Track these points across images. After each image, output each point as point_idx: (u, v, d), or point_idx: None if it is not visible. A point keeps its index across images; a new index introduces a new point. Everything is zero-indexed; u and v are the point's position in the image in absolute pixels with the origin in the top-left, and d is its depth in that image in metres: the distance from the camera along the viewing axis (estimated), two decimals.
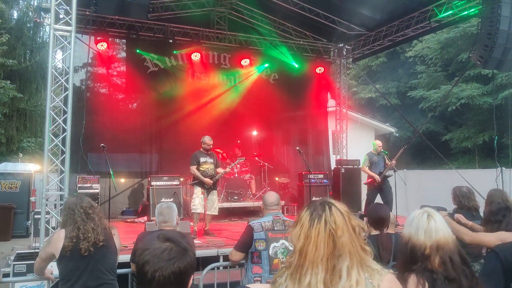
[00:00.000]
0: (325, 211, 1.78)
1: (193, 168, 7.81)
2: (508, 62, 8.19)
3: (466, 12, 9.44)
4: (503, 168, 8.82)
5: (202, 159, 7.86)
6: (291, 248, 3.50)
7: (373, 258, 1.80)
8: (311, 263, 1.66)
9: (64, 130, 6.45)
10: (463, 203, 4.67)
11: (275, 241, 3.62)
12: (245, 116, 11.85)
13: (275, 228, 3.66)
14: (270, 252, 3.59)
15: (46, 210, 6.23)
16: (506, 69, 8.67)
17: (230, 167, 8.53)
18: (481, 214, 4.41)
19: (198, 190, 7.80)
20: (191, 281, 1.71)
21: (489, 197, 4.48)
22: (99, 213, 3.68)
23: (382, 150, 9.11)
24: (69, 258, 3.42)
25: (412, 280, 2.20)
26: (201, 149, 8.01)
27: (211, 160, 7.97)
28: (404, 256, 2.38)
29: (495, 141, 9.47)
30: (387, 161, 8.99)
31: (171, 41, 11.31)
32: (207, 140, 7.99)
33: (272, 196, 3.97)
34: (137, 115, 11.22)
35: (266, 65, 12.23)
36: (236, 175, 10.70)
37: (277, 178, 11.98)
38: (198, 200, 7.71)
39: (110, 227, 3.70)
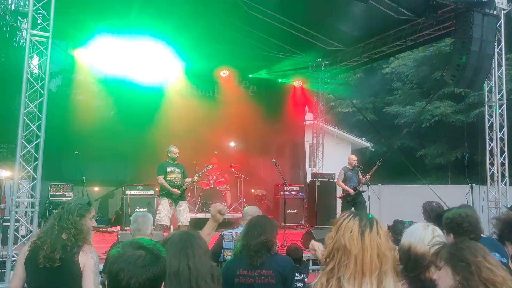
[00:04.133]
0: (374, 224, 1.84)
1: (160, 178, 7.76)
2: (479, 82, 8.45)
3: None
4: (473, 184, 9.05)
5: (169, 169, 7.83)
6: None
7: None
8: (370, 272, 1.72)
9: (38, 137, 6.35)
10: (433, 218, 4.78)
11: None
12: (222, 127, 11.86)
13: None
14: None
15: (16, 217, 6.10)
16: (477, 88, 8.95)
17: (198, 175, 8.44)
18: None
19: (165, 202, 7.73)
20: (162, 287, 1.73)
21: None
22: (82, 224, 3.11)
23: (356, 164, 9.25)
24: (28, 268, 3.01)
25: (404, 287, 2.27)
26: (167, 159, 7.97)
27: (178, 170, 7.93)
28: (403, 264, 2.43)
29: (466, 158, 9.73)
30: (361, 175, 9.13)
31: None
32: (173, 149, 7.96)
33: (250, 209, 4.04)
34: (113, 123, 11.09)
35: None
36: (212, 186, 10.68)
37: (253, 190, 11.99)
38: (164, 212, 7.64)
39: (81, 246, 3.05)
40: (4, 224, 6.71)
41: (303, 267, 5.26)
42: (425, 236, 2.47)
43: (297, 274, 4.72)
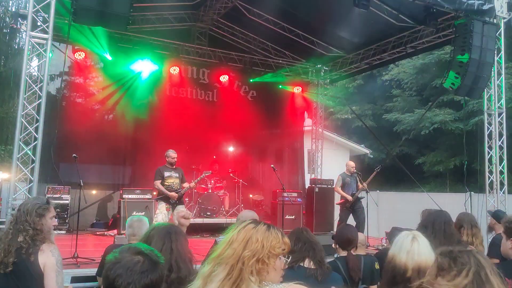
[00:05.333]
0: (247, 224, 1.84)
1: (157, 183, 7.73)
2: (478, 90, 8.45)
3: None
4: (472, 192, 9.02)
5: (166, 174, 7.80)
6: None
7: (342, 279, 1.82)
8: (209, 259, 1.81)
9: (36, 139, 6.32)
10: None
11: None
12: (221, 132, 11.83)
13: None
14: None
15: None
16: (476, 96, 8.95)
17: (195, 181, 8.40)
18: None
19: (162, 206, 7.70)
20: None
21: (458, 221, 4.57)
22: (42, 223, 2.96)
23: (355, 171, 9.23)
24: None
25: None
26: (165, 164, 7.93)
27: (176, 175, 7.90)
28: (386, 276, 2.39)
29: (465, 166, 9.70)
30: (359, 182, 9.11)
31: (150, 54, 11.25)
32: (171, 153, 7.93)
33: (243, 213, 3.97)
34: (112, 126, 11.06)
35: None
36: (210, 191, 10.64)
37: (251, 195, 11.95)
38: (161, 216, 7.60)
39: (39, 245, 2.90)
40: (0, 226, 6.65)
41: None
42: (403, 246, 2.38)
43: None
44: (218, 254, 1.73)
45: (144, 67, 11.07)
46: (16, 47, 21.19)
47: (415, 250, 2.33)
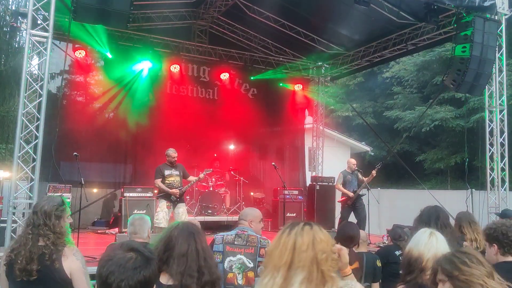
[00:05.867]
0: (300, 226, 1.86)
1: (158, 182, 7.73)
2: (480, 87, 8.43)
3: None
4: (473, 189, 9.02)
5: (167, 172, 7.79)
6: (248, 265, 3.49)
7: None
8: (273, 266, 1.79)
9: (36, 137, 6.32)
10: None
11: (232, 255, 3.57)
12: (222, 130, 11.82)
13: (235, 243, 3.61)
14: (225, 265, 3.54)
15: (13, 218, 6.05)
16: (478, 93, 8.92)
17: (196, 179, 8.37)
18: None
19: (163, 204, 7.70)
20: None
21: (457, 220, 4.59)
22: (61, 226, 2.87)
23: (356, 168, 9.22)
24: (6, 280, 2.80)
25: None
26: (165, 162, 7.93)
27: (177, 173, 7.89)
28: (403, 268, 2.49)
29: (466, 163, 9.68)
30: (360, 179, 9.09)
31: (150, 52, 11.25)
32: (171, 152, 7.92)
33: (243, 211, 3.98)
34: (113, 125, 11.06)
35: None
36: (211, 189, 10.64)
37: (252, 193, 11.95)
38: (162, 214, 7.60)
39: (61, 250, 2.82)
40: (1, 225, 6.66)
41: None
42: (421, 239, 2.48)
43: None
44: (286, 262, 1.74)
45: (144, 65, 11.06)
46: (16, 45, 21.15)
47: (433, 243, 2.44)
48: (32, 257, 2.72)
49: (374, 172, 8.89)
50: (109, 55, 10.35)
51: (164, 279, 2.12)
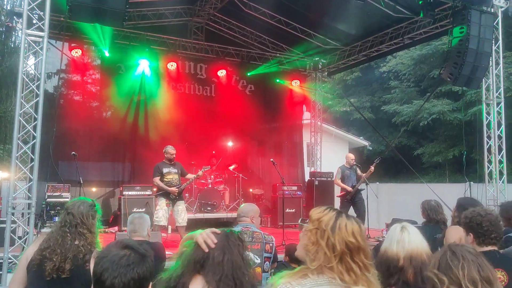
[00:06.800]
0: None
1: (156, 180, 7.73)
2: (477, 80, 8.43)
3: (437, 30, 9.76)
4: (471, 182, 9.05)
5: (165, 170, 7.78)
6: (256, 261, 3.49)
7: None
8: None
9: (34, 137, 6.31)
10: (431, 216, 4.75)
11: None
12: (220, 127, 11.84)
13: None
14: None
15: (12, 219, 6.05)
16: (475, 86, 8.92)
17: (194, 176, 8.38)
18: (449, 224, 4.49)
19: (162, 202, 7.70)
20: None
21: (460, 206, 4.56)
22: (95, 226, 2.97)
23: (354, 163, 9.23)
24: (32, 278, 2.81)
25: None
26: (164, 160, 7.92)
27: (175, 170, 7.88)
28: (381, 270, 2.38)
29: (464, 156, 9.72)
30: (359, 173, 9.11)
31: (147, 49, 11.23)
32: (170, 149, 7.91)
33: (243, 207, 3.99)
34: (110, 123, 11.04)
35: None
36: (210, 186, 10.65)
37: (251, 190, 11.96)
38: (161, 212, 7.60)
39: (93, 251, 2.88)
40: (0, 225, 6.66)
41: None
42: (393, 237, 2.44)
43: None
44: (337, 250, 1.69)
45: (141, 63, 11.04)
46: (12, 45, 21.06)
47: (405, 239, 2.37)
48: (68, 255, 2.77)
49: (372, 168, 8.91)
50: (107, 54, 10.32)
51: (199, 284, 2.05)
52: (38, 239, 3.06)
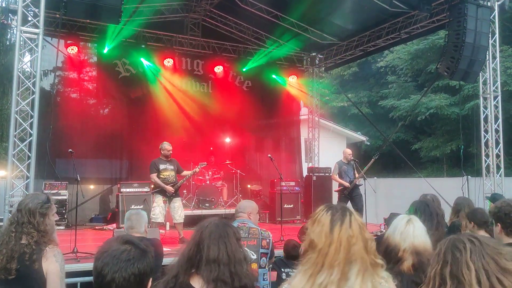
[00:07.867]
0: (346, 216, 1.80)
1: (153, 176, 7.70)
2: (474, 74, 8.45)
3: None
4: (469, 176, 9.07)
5: (161, 166, 7.76)
6: (252, 257, 3.49)
7: None
8: (329, 264, 1.71)
9: (31, 135, 6.29)
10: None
11: None
12: (217, 124, 11.82)
13: None
14: None
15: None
16: (472, 80, 8.94)
17: (191, 173, 8.36)
18: (446, 221, 4.50)
19: (159, 199, 7.68)
20: (149, 284, 1.71)
21: (456, 205, 4.61)
22: (46, 224, 2.80)
23: (352, 158, 9.24)
24: None
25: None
26: (160, 156, 7.89)
27: (172, 167, 7.86)
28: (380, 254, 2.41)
29: (461, 151, 9.74)
30: (356, 171, 9.12)
31: (143, 46, 11.19)
32: (166, 145, 7.88)
33: (241, 203, 3.99)
34: (107, 120, 11.01)
35: None
36: (208, 182, 10.64)
37: (249, 186, 11.96)
38: (158, 209, 7.59)
39: (43, 250, 2.73)
40: None
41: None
42: (398, 227, 2.43)
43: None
44: (343, 257, 1.71)
45: (138, 60, 11.00)
46: (7, 43, 20.94)
47: (410, 232, 2.37)
48: (13, 255, 2.65)
49: (370, 164, 8.95)
50: (105, 51, 10.30)
51: (196, 283, 2.04)
52: None
